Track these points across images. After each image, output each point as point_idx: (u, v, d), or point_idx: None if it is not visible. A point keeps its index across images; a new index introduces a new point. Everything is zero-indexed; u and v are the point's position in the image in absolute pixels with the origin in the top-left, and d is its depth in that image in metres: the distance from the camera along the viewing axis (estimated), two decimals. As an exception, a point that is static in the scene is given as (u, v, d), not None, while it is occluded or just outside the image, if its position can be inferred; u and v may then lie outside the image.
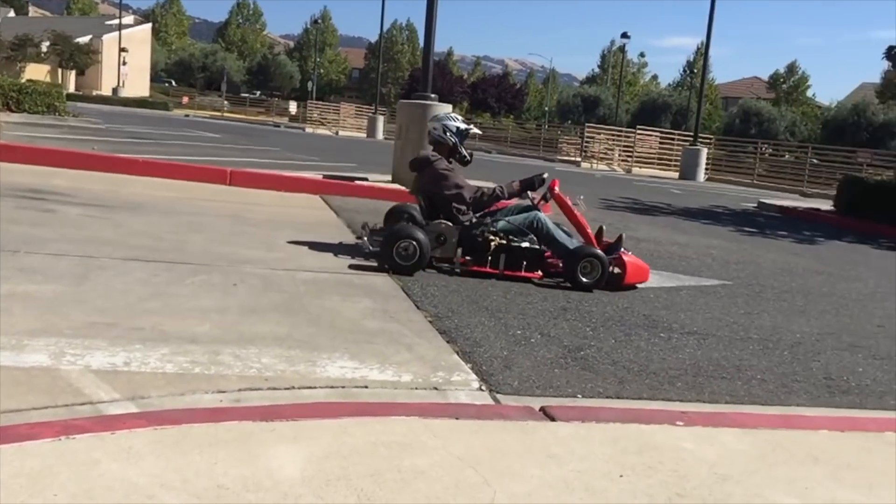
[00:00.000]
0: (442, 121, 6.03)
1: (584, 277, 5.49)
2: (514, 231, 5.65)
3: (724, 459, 2.39)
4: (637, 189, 18.50)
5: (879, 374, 4.11)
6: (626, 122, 49.63)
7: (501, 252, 5.51)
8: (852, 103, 49.81)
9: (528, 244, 5.63)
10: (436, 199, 5.75)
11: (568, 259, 5.55)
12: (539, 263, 5.65)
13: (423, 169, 5.80)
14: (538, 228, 5.68)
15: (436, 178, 5.71)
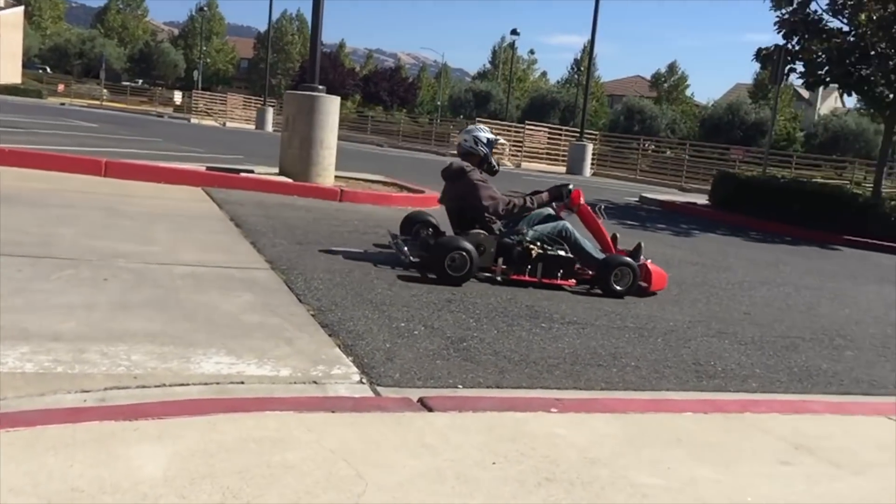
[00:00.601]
0: (472, 132, 6.25)
1: (617, 285, 5.73)
2: (545, 240, 5.86)
3: (594, 444, 2.47)
4: (525, 183, 18.79)
5: (744, 358, 4.33)
6: (516, 117, 50.46)
7: (539, 261, 5.68)
8: (727, 103, 52.39)
9: (563, 253, 5.83)
10: (468, 209, 5.91)
11: (602, 268, 5.79)
12: (572, 271, 5.87)
13: (458, 179, 5.94)
14: (566, 237, 5.89)
15: (471, 188, 5.84)
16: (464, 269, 5.35)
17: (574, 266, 5.87)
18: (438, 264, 5.33)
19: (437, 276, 5.34)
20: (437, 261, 5.34)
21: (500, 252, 5.67)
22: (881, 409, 3.39)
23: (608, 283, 5.74)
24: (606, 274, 5.75)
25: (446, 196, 6.15)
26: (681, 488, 2.19)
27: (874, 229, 12.93)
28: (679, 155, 32.04)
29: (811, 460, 2.58)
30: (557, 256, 5.78)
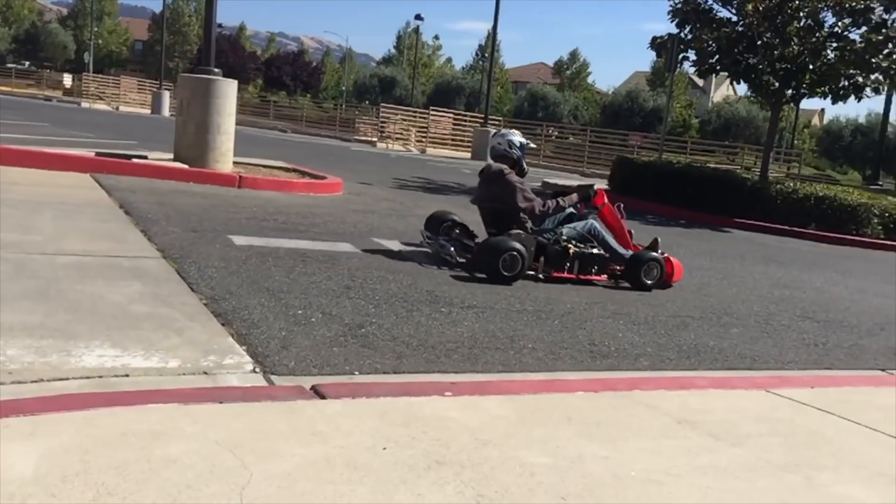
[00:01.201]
0: (506, 137, 6.61)
1: (647, 279, 6.16)
2: (577, 238, 6.20)
3: (486, 425, 2.49)
4: (431, 169, 18.88)
5: (636, 337, 4.46)
6: (421, 103, 50.44)
7: (576, 258, 6.02)
8: (627, 90, 53.83)
9: (596, 250, 6.19)
10: (505, 210, 6.18)
11: (632, 263, 6.21)
12: (605, 267, 6.20)
13: (497, 182, 6.20)
14: (595, 235, 6.29)
15: (510, 190, 6.14)
16: (515, 269, 5.61)
17: (607, 262, 6.22)
18: (492, 265, 5.58)
19: (489, 276, 5.57)
20: (490, 261, 5.59)
21: (538, 251, 5.91)
22: (761, 383, 3.55)
23: (638, 278, 6.16)
24: (637, 269, 6.17)
25: (482, 197, 6.46)
26: (568, 466, 2.23)
27: (762, 212, 13.56)
28: (581, 141, 32.73)
29: (694, 434, 2.68)
30: (592, 254, 6.14)
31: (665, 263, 6.30)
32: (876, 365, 4.60)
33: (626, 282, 6.24)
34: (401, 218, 8.37)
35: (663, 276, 6.27)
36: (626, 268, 6.24)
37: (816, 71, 13.83)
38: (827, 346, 4.96)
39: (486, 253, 5.67)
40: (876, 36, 13.42)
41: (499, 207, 6.23)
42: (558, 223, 6.32)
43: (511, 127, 34.50)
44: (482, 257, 5.68)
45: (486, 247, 5.74)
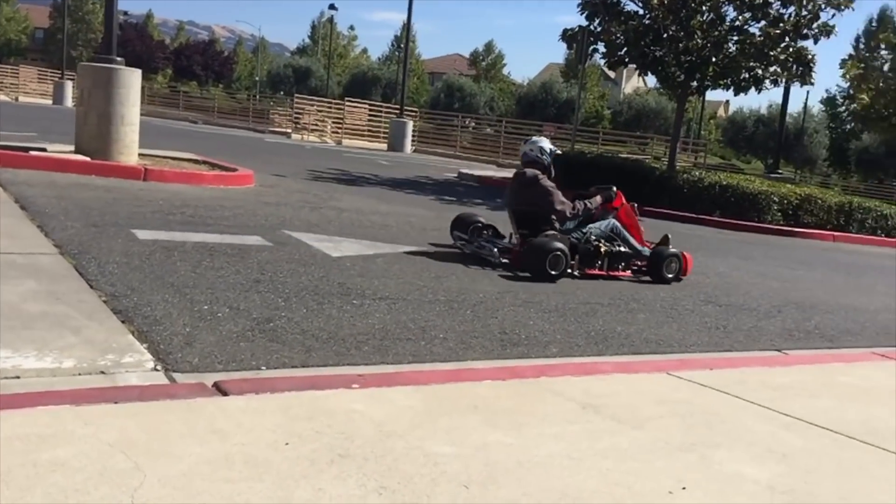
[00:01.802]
0: (537, 143, 7.05)
1: (668, 273, 6.68)
2: (603, 237, 6.68)
3: (392, 417, 2.48)
4: (346, 160, 18.71)
5: (547, 325, 4.53)
6: (337, 94, 49.93)
7: (606, 256, 6.51)
8: (541, 82, 54.56)
9: (623, 248, 6.70)
10: (539, 212, 6.58)
11: (654, 259, 6.73)
12: (629, 263, 6.74)
13: (532, 186, 6.62)
14: (618, 233, 6.77)
15: (544, 194, 6.57)
16: (559, 268, 6.04)
17: (631, 258, 6.75)
18: (539, 264, 5.98)
19: (535, 275, 5.95)
20: (537, 261, 6.00)
21: (571, 250, 6.28)
22: (663, 367, 3.65)
23: (661, 272, 6.67)
24: (659, 264, 6.69)
25: (514, 200, 6.86)
26: (472, 454, 2.25)
27: (669, 200, 13.96)
28: (497, 132, 33.02)
29: (597, 418, 2.74)
30: (620, 252, 6.66)
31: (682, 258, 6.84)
32: (773, 346, 4.80)
33: (648, 276, 6.72)
34: (314, 210, 8.27)
35: (681, 270, 6.80)
36: (649, 263, 6.75)
37: (719, 63, 14.31)
38: (727, 328, 5.14)
39: (533, 253, 6.07)
40: (774, 30, 13.97)
41: (533, 210, 6.62)
42: (579, 223, 6.75)
43: (427, 117, 34.53)
44: (529, 257, 6.09)
45: (532, 247, 6.12)
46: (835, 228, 14.66)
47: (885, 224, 15.52)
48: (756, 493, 2.24)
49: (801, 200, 14.45)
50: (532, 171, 6.75)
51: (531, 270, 6.04)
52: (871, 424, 3.05)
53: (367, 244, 6.49)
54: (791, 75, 14.73)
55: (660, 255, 6.73)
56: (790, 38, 14.11)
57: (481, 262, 6.33)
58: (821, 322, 5.82)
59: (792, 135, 49.53)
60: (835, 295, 7.40)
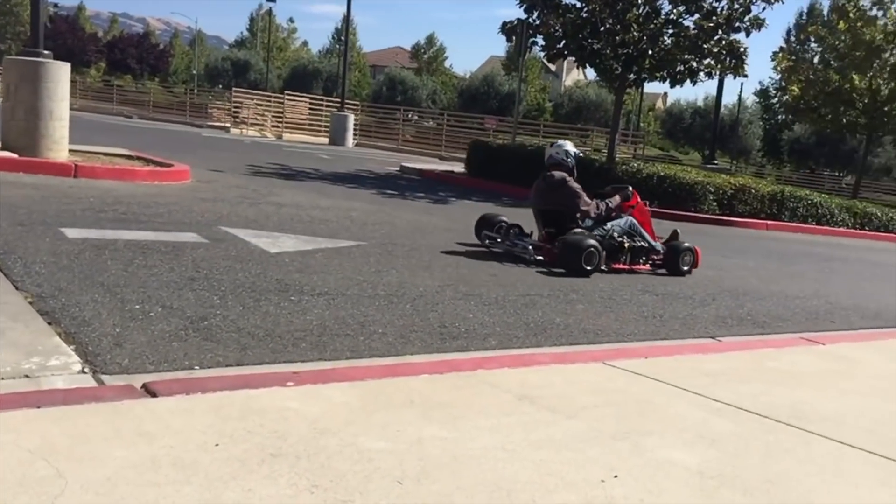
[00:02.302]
0: (563, 147, 7.50)
1: (683, 266, 7.17)
2: (623, 233, 7.12)
3: (326, 414, 2.46)
4: (286, 155, 18.49)
5: (486, 318, 4.54)
6: (278, 87, 49.30)
7: (629, 251, 7.00)
8: (483, 74, 54.71)
9: (643, 244, 7.19)
10: (565, 212, 7.07)
11: (671, 253, 7.23)
12: (648, 257, 7.23)
13: (560, 188, 7.09)
14: (636, 230, 7.24)
15: (572, 196, 7.06)
16: (593, 263, 6.46)
17: (650, 253, 7.22)
18: (576, 260, 6.39)
19: (572, 271, 6.38)
20: (573, 258, 6.41)
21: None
22: (599, 356, 3.70)
23: (677, 265, 7.17)
24: (676, 257, 7.20)
25: (542, 200, 7.27)
26: (407, 449, 2.24)
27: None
28: (439, 125, 33.03)
29: (532, 409, 2.76)
30: (641, 247, 7.16)
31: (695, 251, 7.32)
32: (706, 333, 4.90)
33: (665, 269, 7.20)
34: (252, 205, 8.15)
35: (694, 263, 7.28)
36: (665, 257, 7.25)
37: (655, 56, 14.55)
38: (664, 317, 5.24)
39: (569, 250, 6.47)
40: (707, 23, 14.26)
41: (560, 210, 7.10)
42: (597, 221, 7.20)
43: (369, 111, 34.35)
44: (566, 254, 6.48)
45: (569, 245, 6.51)
46: (768, 217, 15.06)
47: (815, 212, 16.00)
48: (686, 478, 2.28)
49: (735, 190, 14.80)
50: (560, 174, 7.19)
51: (568, 266, 6.45)
52: (797, 408, 3.14)
53: (307, 239, 6.42)
54: (724, 67, 15.06)
55: (676, 250, 7.24)
56: (723, 31, 14.42)
57: (428, 255, 6.32)
58: (753, 309, 5.97)
59: (727, 126, 50.71)
60: (767, 282, 7.60)
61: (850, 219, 16.79)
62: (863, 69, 22.04)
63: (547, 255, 6.72)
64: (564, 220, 7.04)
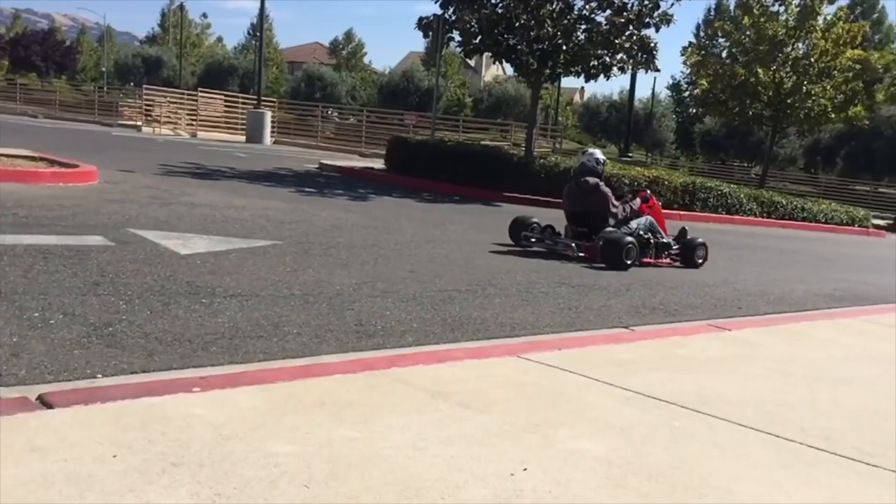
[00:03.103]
0: (594, 155, 8.51)
1: (698, 259, 8.13)
2: (646, 231, 7.99)
3: (232, 419, 2.40)
4: (201, 153, 18.06)
5: (404, 315, 4.52)
6: (192, 84, 48.11)
7: (655, 247, 7.90)
8: (403, 70, 54.62)
9: (665, 240, 8.11)
10: (596, 214, 7.92)
11: (687, 248, 8.15)
12: (668, 252, 8.10)
13: (594, 192, 7.96)
14: (654, 228, 8.13)
15: (604, 200, 7.95)
16: (631, 257, 7.32)
17: (669, 248, 8.11)
18: (617, 256, 7.24)
19: (613, 265, 7.19)
20: (615, 253, 7.25)
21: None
22: (514, 350, 3.73)
23: (693, 259, 8.09)
24: (691, 252, 8.13)
25: (575, 202, 8.16)
26: (316, 451, 2.21)
27: (528, 186, 14.32)
28: (361, 121, 32.81)
29: (445, 405, 2.75)
30: (662, 243, 8.06)
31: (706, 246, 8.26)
32: (620, 323, 5.00)
33: (681, 262, 8.09)
34: (163, 206, 7.92)
35: (706, 256, 8.21)
36: (682, 251, 8.15)
37: (569, 51, 14.78)
38: (579, 308, 5.32)
39: (611, 247, 7.31)
40: (619, 18, 14.55)
41: (592, 212, 7.92)
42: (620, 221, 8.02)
43: (287, 108, 33.86)
44: (608, 250, 7.30)
45: (610, 242, 7.35)
46: (681, 207, 15.51)
47: (725, 202, 16.56)
48: (594, 467, 2.32)
49: (649, 182, 15.16)
50: (593, 180, 8.06)
51: (609, 261, 7.26)
52: (703, 393, 3.23)
53: (220, 240, 6.27)
54: (636, 62, 15.42)
55: (691, 245, 8.17)
56: (634, 26, 14.74)
57: (346, 253, 6.27)
58: (665, 298, 6.13)
59: (642, 119, 51.94)
60: (678, 271, 7.82)
61: (758, 208, 17.45)
62: (766, 63, 22.88)
63: (588, 252, 7.56)
64: (595, 220, 7.88)
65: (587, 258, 7.50)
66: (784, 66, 23.16)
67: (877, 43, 47.45)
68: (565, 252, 7.63)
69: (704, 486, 2.26)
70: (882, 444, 2.82)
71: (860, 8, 52.77)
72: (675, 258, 8.16)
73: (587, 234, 7.80)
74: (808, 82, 22.99)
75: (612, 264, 7.19)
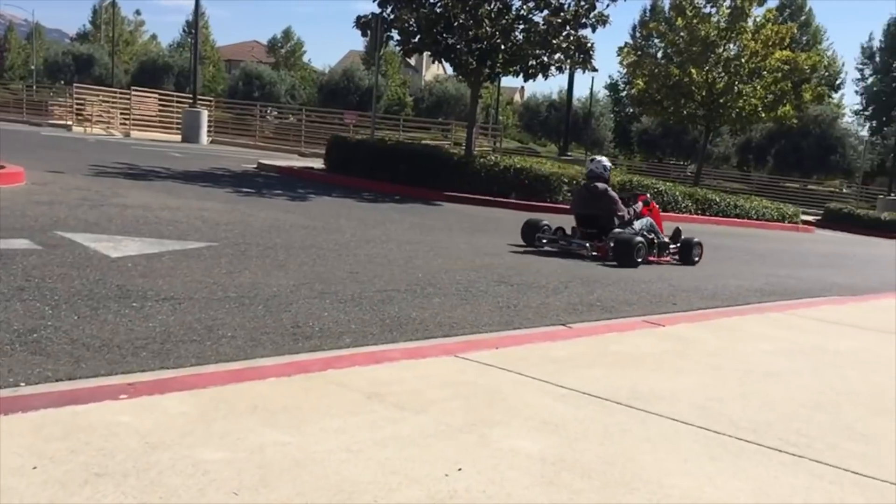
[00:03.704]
0: (602, 162, 9.29)
1: (695, 258, 8.88)
2: (649, 232, 8.74)
3: (161, 426, 2.34)
4: (135, 153, 17.64)
5: (342, 315, 4.48)
6: (126, 83, 46.97)
7: (658, 247, 8.68)
8: (343, 69, 54.19)
9: (665, 240, 8.94)
10: (604, 217, 8.68)
11: (685, 247, 8.94)
12: (668, 251, 8.91)
13: (603, 197, 8.77)
14: (654, 230, 8.96)
15: (612, 203, 8.77)
16: (641, 256, 8.08)
17: (669, 247, 8.90)
18: (628, 255, 7.94)
19: (623, 263, 7.89)
20: (627, 253, 7.96)
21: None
22: (452, 349, 3.72)
23: (690, 257, 8.85)
24: (689, 251, 8.89)
25: (585, 206, 8.96)
26: (247, 458, 2.16)
27: (469, 185, 14.38)
28: (300, 120, 32.49)
29: (380, 407, 2.73)
30: (664, 243, 8.88)
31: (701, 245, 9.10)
32: (558, 320, 5.04)
33: (680, 260, 8.86)
34: (94, 208, 7.70)
35: (701, 254, 9.02)
36: (680, 250, 8.93)
37: (508, 51, 14.89)
38: (518, 307, 5.35)
39: (623, 246, 8.02)
40: (556, 19, 14.72)
41: (600, 215, 8.69)
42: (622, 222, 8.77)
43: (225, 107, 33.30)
44: (621, 249, 8.02)
45: (621, 242, 8.08)
46: (618, 205, 15.73)
47: (661, 200, 16.85)
48: (528, 466, 2.33)
49: (587, 180, 15.35)
50: (602, 185, 8.86)
51: (620, 259, 7.96)
52: (636, 389, 3.28)
53: (152, 242, 6.13)
54: (574, 62, 15.61)
55: (689, 244, 8.94)
56: (571, 26, 14.93)
57: (283, 254, 6.19)
58: (602, 294, 6.21)
59: (581, 118, 52.59)
60: (616, 268, 7.93)
61: (693, 205, 17.83)
62: (699, 63, 23.41)
63: (601, 251, 8.30)
64: (603, 222, 8.65)
65: (599, 257, 8.25)
66: (716, 67, 23.73)
67: (804, 44, 49.00)
68: (579, 252, 8.40)
69: (636, 481, 2.29)
70: (807, 434, 2.90)
71: (788, 10, 54.39)
72: (674, 256, 8.92)
73: (596, 234, 8.59)
74: (740, 82, 23.61)
75: (623, 262, 7.90)
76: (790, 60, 23.96)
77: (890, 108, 54.65)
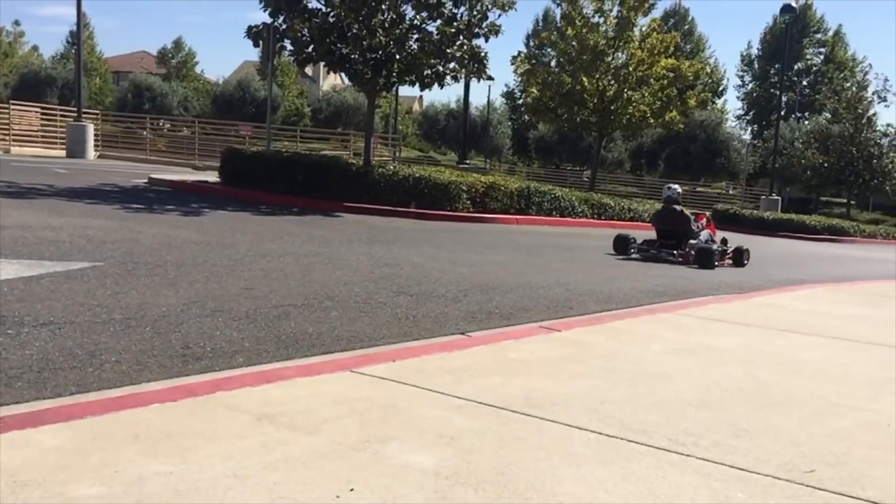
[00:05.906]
0: (675, 189, 12.00)
1: (745, 261, 11.49)
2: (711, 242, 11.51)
3: (31, 462, 2.19)
4: (15, 170, 16.73)
5: (235, 334, 4.35)
6: (5, 96, 44.60)
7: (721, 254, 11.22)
8: (237, 80, 53.14)
9: (724, 248, 11.62)
10: (680, 232, 11.36)
11: (738, 252, 11.57)
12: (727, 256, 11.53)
13: (681, 217, 11.52)
14: (712, 239, 11.64)
15: (687, 221, 11.46)
16: (716, 260, 10.73)
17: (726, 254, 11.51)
18: (708, 261, 10.53)
19: (704, 266, 10.43)
20: (707, 259, 10.58)
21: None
22: (347, 364, 3.66)
23: (742, 260, 11.47)
24: (741, 256, 11.52)
25: (666, 223, 11.63)
26: (124, 491, 2.05)
27: (368, 195, 14.30)
28: (194, 132, 31.64)
29: (271, 429, 2.65)
30: (724, 250, 11.51)
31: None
32: (457, 329, 5.04)
33: (733, 264, 11.44)
34: (-35, 230, 7.25)
35: (749, 258, 11.63)
36: (734, 255, 11.54)
37: (403, 61, 14.91)
38: (417, 317, 5.33)
39: (704, 254, 10.68)
40: (449, 29, 14.85)
41: (678, 230, 11.37)
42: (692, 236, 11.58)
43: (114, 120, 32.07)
44: (702, 257, 10.66)
45: (702, 251, 10.78)
46: (517, 212, 16.00)
47: (558, 205, 17.24)
48: (421, 481, 2.30)
49: (486, 188, 15.56)
50: (679, 207, 11.67)
51: (702, 264, 10.50)
52: (531, 396, 3.30)
53: (31, 264, 5.81)
54: (469, 71, 15.77)
55: (740, 250, 11.54)
56: (464, 36, 15.08)
57: (174, 272, 5.97)
58: (501, 302, 6.26)
59: (479, 126, 53.32)
60: (515, 275, 8.03)
61: (589, 210, 18.29)
62: (590, 72, 24.11)
63: (683, 258, 10.93)
64: (679, 235, 11.32)
65: (681, 262, 10.81)
66: (606, 75, 24.49)
67: (688, 52, 51.18)
68: (667, 259, 10.97)
69: (530, 491, 2.29)
70: (694, 433, 2.98)
71: (672, 20, 56.72)
72: (730, 260, 11.44)
73: (674, 245, 11.21)
74: (629, 89, 24.44)
75: (703, 265, 10.46)
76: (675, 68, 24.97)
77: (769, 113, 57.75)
